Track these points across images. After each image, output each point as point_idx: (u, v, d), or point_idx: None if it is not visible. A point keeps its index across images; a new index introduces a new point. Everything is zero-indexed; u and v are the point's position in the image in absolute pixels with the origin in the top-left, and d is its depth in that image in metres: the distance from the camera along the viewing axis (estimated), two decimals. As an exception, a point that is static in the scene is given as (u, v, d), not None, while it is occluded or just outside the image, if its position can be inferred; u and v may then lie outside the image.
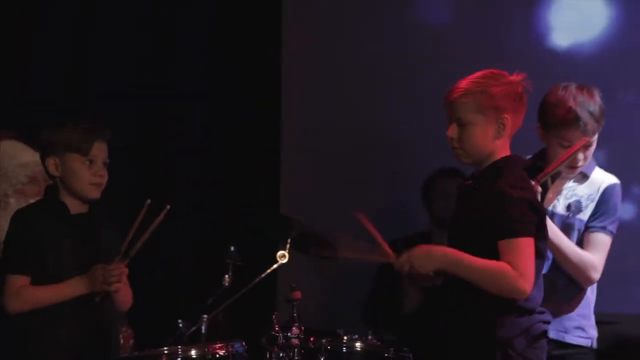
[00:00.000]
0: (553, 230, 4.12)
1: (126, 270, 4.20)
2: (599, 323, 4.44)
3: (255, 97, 6.44)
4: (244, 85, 6.44)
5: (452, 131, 3.78)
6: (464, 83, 3.80)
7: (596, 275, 4.28)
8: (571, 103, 4.26)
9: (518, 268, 3.67)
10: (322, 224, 5.23)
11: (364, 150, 6.30)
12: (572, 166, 4.28)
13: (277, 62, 6.46)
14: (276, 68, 6.45)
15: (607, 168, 4.61)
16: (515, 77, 3.83)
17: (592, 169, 4.41)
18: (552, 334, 4.04)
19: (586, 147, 4.24)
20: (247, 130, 6.41)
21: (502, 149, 3.83)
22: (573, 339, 4.24)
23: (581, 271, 4.24)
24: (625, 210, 5.48)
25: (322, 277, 6.10)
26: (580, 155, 4.26)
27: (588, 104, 4.27)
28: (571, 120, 4.21)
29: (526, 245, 3.70)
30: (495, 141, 3.79)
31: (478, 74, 3.83)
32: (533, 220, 3.71)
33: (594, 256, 4.26)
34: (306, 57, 6.47)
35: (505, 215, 3.71)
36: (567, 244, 4.21)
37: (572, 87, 4.32)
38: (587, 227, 4.29)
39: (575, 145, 4.18)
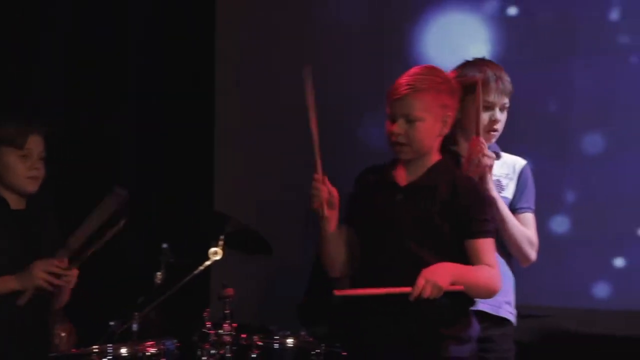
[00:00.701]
0: (505, 211, 4.17)
1: (76, 273, 4.19)
2: (523, 316, 4.49)
3: (188, 91, 6.43)
4: (177, 82, 6.43)
5: (399, 127, 3.77)
6: (410, 80, 3.78)
7: (535, 253, 4.33)
8: (485, 66, 4.29)
9: (494, 266, 3.75)
10: (256, 222, 5.24)
11: (299, 148, 6.31)
12: (492, 129, 4.27)
13: (211, 57, 6.47)
14: (210, 63, 6.46)
15: (539, 177, 4.69)
16: (451, 74, 3.86)
17: (499, 149, 4.45)
18: (487, 308, 4.12)
19: (502, 109, 4.26)
20: (181, 126, 6.39)
21: (437, 146, 3.87)
22: (506, 313, 4.27)
23: (525, 249, 4.28)
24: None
25: (256, 274, 6.10)
26: (499, 116, 4.25)
27: (500, 71, 4.31)
28: (487, 79, 4.21)
29: (493, 243, 3.79)
30: (438, 138, 3.82)
31: (418, 69, 3.82)
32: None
33: (532, 235, 4.33)
34: (240, 53, 6.49)
35: (480, 216, 3.75)
36: (515, 224, 4.25)
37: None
38: (516, 209, 4.33)
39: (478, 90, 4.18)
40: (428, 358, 3.72)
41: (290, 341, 4.54)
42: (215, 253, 4.75)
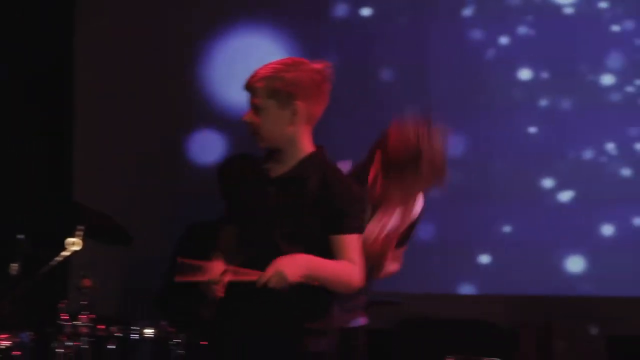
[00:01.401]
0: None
1: None
2: (381, 303, 4.56)
3: (47, 81, 6.35)
4: (36, 68, 6.33)
5: (248, 116, 3.79)
6: (262, 69, 3.81)
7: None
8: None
9: (357, 263, 3.71)
10: (116, 212, 5.20)
11: (160, 141, 6.30)
12: None
13: (69, 45, 6.41)
14: (69, 53, 6.41)
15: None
16: (316, 66, 3.86)
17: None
18: None
19: None
20: (39, 117, 6.31)
21: (303, 137, 3.84)
22: None
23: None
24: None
25: (116, 265, 6.07)
26: None
27: None
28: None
29: (359, 239, 3.76)
30: (289, 127, 3.81)
31: (277, 60, 3.84)
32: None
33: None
34: (100, 47, 6.45)
35: (347, 211, 3.71)
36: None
37: None
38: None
39: None
40: (286, 351, 3.71)
41: (149, 331, 4.51)
42: (74, 244, 4.69)
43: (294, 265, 3.56)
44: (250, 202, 3.76)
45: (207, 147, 6.29)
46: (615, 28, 6.22)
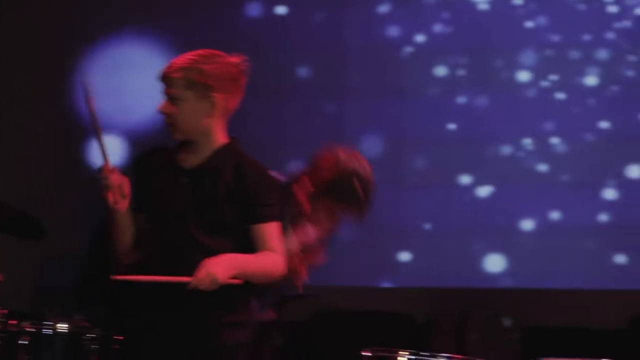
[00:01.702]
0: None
1: None
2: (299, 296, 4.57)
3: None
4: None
5: (164, 106, 3.77)
6: (178, 60, 3.79)
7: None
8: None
9: (279, 251, 3.74)
10: (30, 207, 5.15)
11: (76, 134, 6.26)
12: None
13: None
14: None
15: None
16: (233, 59, 3.85)
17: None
18: None
19: None
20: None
21: (218, 129, 3.83)
22: None
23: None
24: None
25: (30, 260, 6.01)
26: None
27: None
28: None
29: (279, 227, 3.77)
30: (205, 119, 3.79)
31: (193, 52, 3.82)
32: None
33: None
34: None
35: (264, 200, 3.73)
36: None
37: None
38: None
39: None
40: (206, 345, 3.71)
41: (62, 326, 4.44)
42: (-16, 237, 4.62)
43: (223, 267, 3.57)
44: (165, 194, 3.74)
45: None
46: (529, 24, 6.29)
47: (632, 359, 4.37)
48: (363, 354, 4.10)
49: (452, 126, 6.29)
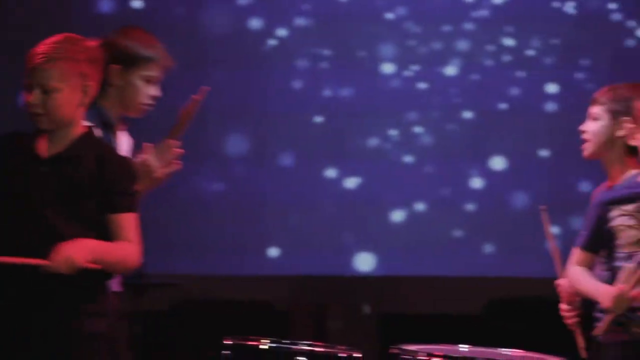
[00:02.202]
0: None
1: None
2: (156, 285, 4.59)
3: None
4: None
5: (35, 97, 3.70)
6: (44, 48, 3.72)
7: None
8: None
9: (135, 242, 3.73)
10: None
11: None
12: (151, 105, 4.24)
13: None
14: None
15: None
16: (92, 43, 3.81)
17: None
18: None
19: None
20: None
21: (79, 118, 3.80)
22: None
23: None
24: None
25: None
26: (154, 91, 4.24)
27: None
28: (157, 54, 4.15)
29: (136, 218, 3.76)
30: (79, 108, 3.77)
31: (55, 38, 3.75)
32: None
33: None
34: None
35: (123, 190, 3.72)
36: None
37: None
38: None
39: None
40: (63, 331, 3.68)
41: None
42: None
43: (81, 250, 3.56)
44: (22, 183, 3.69)
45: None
46: (390, 15, 6.38)
47: (488, 343, 4.48)
48: (225, 342, 4.11)
49: (318, 119, 6.35)
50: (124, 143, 4.14)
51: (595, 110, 4.06)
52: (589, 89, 6.22)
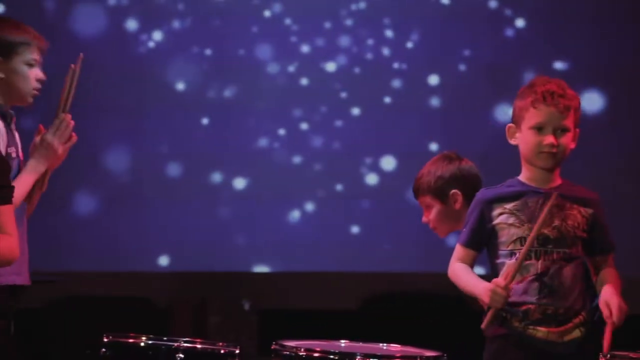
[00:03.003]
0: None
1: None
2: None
3: None
4: None
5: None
6: None
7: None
8: None
9: (14, 234, 3.70)
10: None
11: None
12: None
13: None
14: None
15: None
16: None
17: None
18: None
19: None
20: None
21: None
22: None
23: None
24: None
25: None
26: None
27: None
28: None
29: (12, 210, 3.73)
30: None
31: None
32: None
33: None
34: None
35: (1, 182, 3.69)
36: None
37: None
38: None
39: None
40: None
41: None
42: None
43: None
44: None
45: None
46: (267, 13, 6.39)
47: (365, 337, 4.57)
48: (104, 340, 4.09)
49: (205, 120, 6.34)
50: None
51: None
52: (470, 79, 6.36)
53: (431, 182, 4.35)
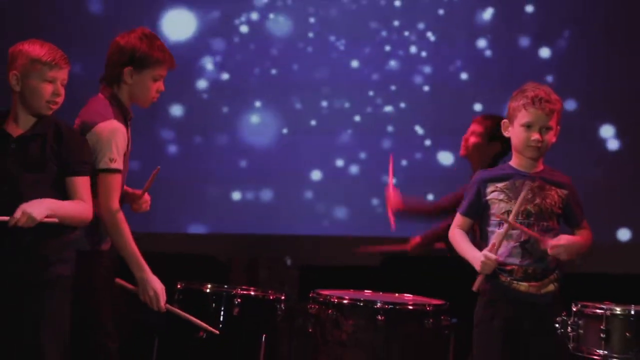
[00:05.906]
0: None
1: None
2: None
3: None
4: None
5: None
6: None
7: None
8: None
9: (88, 201, 4.05)
10: None
11: None
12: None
13: None
14: None
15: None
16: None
17: None
18: None
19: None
20: None
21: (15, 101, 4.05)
22: None
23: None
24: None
25: None
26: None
27: None
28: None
29: (89, 180, 4.09)
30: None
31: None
32: None
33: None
34: None
35: (78, 158, 4.05)
36: None
37: None
38: None
39: None
40: (36, 276, 4.00)
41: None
42: None
43: (39, 207, 3.88)
44: None
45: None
46: (215, 13, 6.53)
47: (384, 289, 4.86)
48: (177, 287, 4.55)
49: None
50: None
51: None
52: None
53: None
